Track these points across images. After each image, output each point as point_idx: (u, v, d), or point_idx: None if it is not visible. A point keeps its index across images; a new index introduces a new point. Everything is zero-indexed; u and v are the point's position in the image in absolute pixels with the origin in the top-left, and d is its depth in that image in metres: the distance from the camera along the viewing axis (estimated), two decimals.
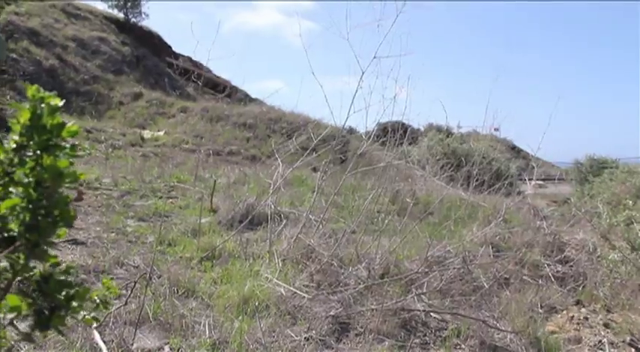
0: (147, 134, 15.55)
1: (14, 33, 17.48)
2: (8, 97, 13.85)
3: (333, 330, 4.25)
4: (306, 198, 8.14)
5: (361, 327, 4.35)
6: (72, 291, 0.92)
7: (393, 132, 7.16)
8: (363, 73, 5.85)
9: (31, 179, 0.96)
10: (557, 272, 6.94)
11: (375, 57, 5.81)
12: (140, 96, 19.40)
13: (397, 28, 5.85)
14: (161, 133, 15.80)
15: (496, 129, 11.82)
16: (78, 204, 6.57)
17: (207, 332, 3.81)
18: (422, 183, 10.74)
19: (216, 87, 18.22)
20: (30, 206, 0.92)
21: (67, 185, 0.94)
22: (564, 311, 5.79)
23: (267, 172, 9.05)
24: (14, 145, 0.99)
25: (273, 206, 6.56)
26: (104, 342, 3.47)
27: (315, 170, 10.54)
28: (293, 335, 4.00)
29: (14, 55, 16.68)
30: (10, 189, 0.96)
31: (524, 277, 6.49)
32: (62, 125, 0.99)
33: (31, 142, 0.97)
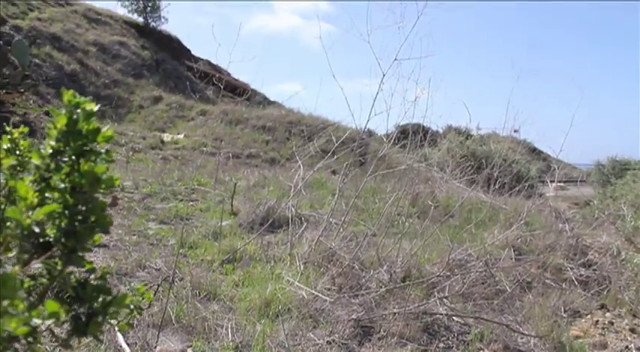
0: (167, 137, 15.66)
1: (37, 38, 17.71)
2: (31, 102, 14.03)
3: (355, 334, 4.24)
4: (326, 201, 8.13)
5: (383, 331, 4.33)
6: (109, 297, 0.92)
7: (413, 135, 7.13)
8: (383, 76, 5.83)
9: (67, 184, 0.96)
10: (581, 275, 6.85)
11: (395, 59, 5.78)
12: (160, 100, 19.55)
13: (418, 30, 5.83)
14: (181, 136, 15.90)
15: (515, 131, 11.71)
16: None
17: (229, 336, 3.82)
18: (442, 185, 10.66)
19: (235, 90, 18.27)
20: (67, 212, 0.93)
21: (103, 190, 0.94)
22: (588, 316, 5.71)
23: (287, 175, 9.06)
24: (50, 151, 1.00)
25: (293, 209, 6.56)
26: (128, 345, 3.50)
27: (334, 173, 10.53)
28: (315, 338, 4.00)
29: (37, 60, 16.90)
30: (47, 194, 0.96)
31: (547, 281, 6.43)
32: (97, 130, 0.99)
33: (67, 148, 0.98)
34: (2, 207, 1.22)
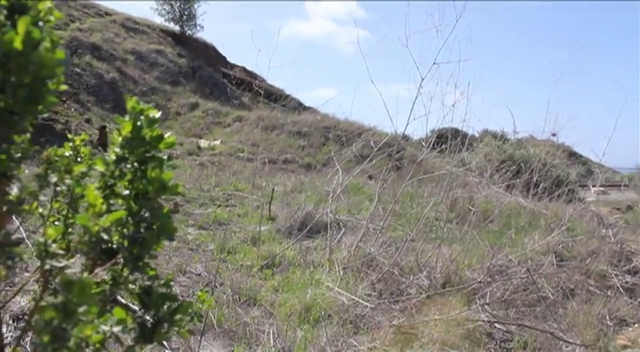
0: (203, 143, 15.86)
1: (78, 48, 18.18)
2: (73, 110, 14.39)
3: (396, 340, 4.21)
4: (363, 206, 8.11)
5: (425, 338, 4.29)
6: (174, 305, 0.93)
7: (449, 139, 7.08)
8: (422, 80, 5.80)
9: (131, 191, 0.97)
10: (626, 283, 6.66)
11: (434, 63, 5.75)
12: (196, 107, 19.83)
13: (457, 33, 5.78)
14: (217, 142, 16.09)
15: (553, 134, 11.50)
16: None
17: (271, 341, 3.83)
18: (480, 190, 10.53)
19: (271, 96, 18.44)
20: (133, 218, 0.94)
21: (166, 197, 0.96)
22: (636, 325, 5.54)
23: (323, 180, 9.07)
24: (114, 157, 1.01)
25: (331, 214, 6.56)
26: (170, 350, 3.53)
27: (370, 177, 10.50)
28: (357, 344, 3.98)
29: (78, 70, 17.35)
30: (111, 201, 0.98)
31: (591, 288, 6.27)
32: (161, 137, 1.01)
33: (131, 154, 0.99)
34: (65, 213, 1.25)
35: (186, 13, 26.47)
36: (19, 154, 0.84)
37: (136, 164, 0.99)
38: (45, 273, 1.00)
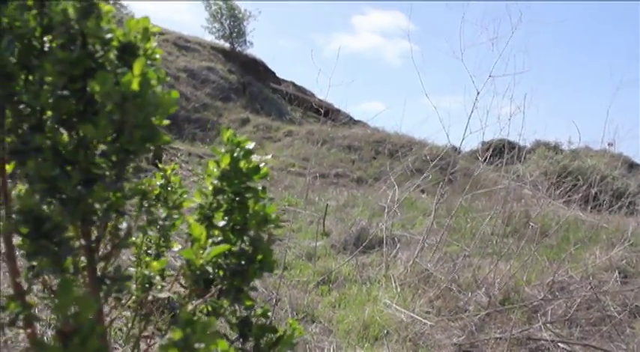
0: (255, 158, 16.05)
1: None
2: None
3: None
4: (417, 221, 8.05)
5: None
6: (274, 336, 0.96)
7: (502, 152, 6.97)
8: (478, 93, 5.75)
9: (228, 222, 1.00)
10: None
11: (490, 76, 5.70)
12: (247, 122, 20.12)
13: (513, 44, 5.72)
14: (268, 157, 16.22)
15: (610, 144, 11.16)
16: None
17: None
18: (536, 203, 10.29)
19: (320, 110, 18.58)
20: (235, 251, 0.96)
21: (267, 229, 0.98)
22: None
23: (376, 195, 9.05)
24: (212, 189, 1.05)
25: (386, 229, 6.54)
26: None
27: (422, 191, 10.42)
28: None
29: None
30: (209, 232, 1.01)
31: None
32: (257, 169, 1.03)
33: (227, 186, 1.02)
34: (158, 242, 1.30)
35: (235, 30, 26.98)
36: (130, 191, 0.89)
37: (231, 195, 1.02)
38: (148, 304, 1.04)
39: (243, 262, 0.95)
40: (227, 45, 27.06)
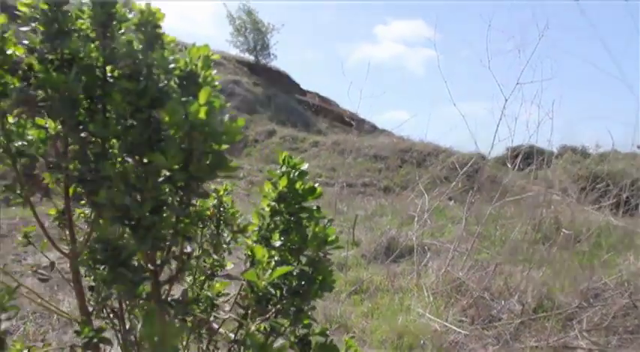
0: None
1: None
2: None
3: None
4: (446, 229, 8.03)
5: None
6: None
7: (529, 157, 6.94)
8: (506, 101, 5.76)
9: (286, 243, 1.04)
10: None
11: (517, 83, 5.70)
12: (273, 134, 20.27)
13: (540, 51, 5.70)
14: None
15: (639, 147, 10.98)
16: None
17: None
18: (566, 209, 10.16)
19: (345, 120, 18.63)
20: (296, 272, 1.00)
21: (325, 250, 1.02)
22: None
23: (404, 203, 9.05)
24: (269, 210, 1.09)
25: (416, 238, 6.55)
26: None
27: (450, 199, 10.37)
28: None
29: None
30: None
31: None
32: (313, 190, 1.07)
33: (285, 207, 1.06)
34: (212, 262, 1.36)
35: (259, 43, 27.26)
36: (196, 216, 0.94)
37: (286, 215, 1.06)
38: (210, 325, 1.09)
39: (303, 283, 0.97)
40: (252, 58, 27.32)
